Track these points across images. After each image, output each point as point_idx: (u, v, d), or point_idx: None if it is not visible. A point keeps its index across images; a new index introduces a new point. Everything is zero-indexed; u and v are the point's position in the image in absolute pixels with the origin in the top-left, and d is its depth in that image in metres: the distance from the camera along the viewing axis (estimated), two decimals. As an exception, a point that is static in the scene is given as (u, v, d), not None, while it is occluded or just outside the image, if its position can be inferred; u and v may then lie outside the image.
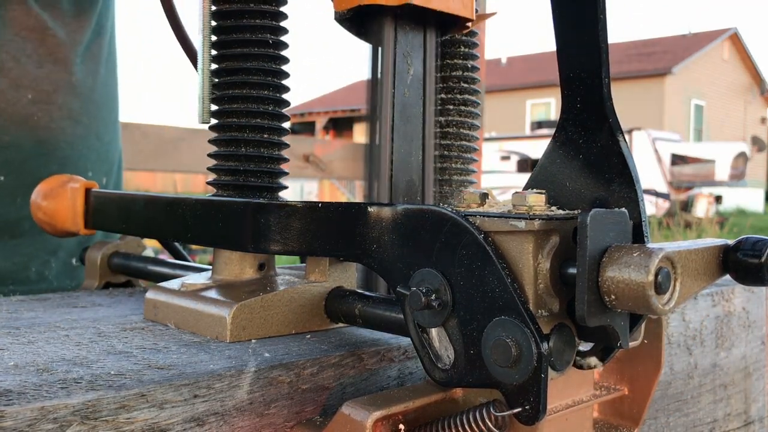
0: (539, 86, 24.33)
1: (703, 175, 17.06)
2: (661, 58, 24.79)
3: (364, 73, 0.79)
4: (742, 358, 1.00)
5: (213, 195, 0.79)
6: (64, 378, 0.52)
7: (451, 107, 0.87)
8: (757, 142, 19.54)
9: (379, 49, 0.76)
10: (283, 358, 0.60)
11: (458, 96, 0.87)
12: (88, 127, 1.38)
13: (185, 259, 1.15)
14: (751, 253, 0.51)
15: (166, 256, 1.21)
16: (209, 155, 0.80)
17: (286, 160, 0.80)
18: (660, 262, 0.46)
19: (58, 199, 0.94)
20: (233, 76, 0.77)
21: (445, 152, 0.87)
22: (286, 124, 0.80)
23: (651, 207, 15.45)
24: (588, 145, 0.55)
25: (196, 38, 0.78)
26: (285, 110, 0.79)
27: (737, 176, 17.14)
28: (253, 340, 0.67)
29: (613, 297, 0.47)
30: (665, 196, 16.49)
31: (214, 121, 0.79)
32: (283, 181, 0.80)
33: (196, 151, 2.81)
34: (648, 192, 15.34)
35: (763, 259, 0.50)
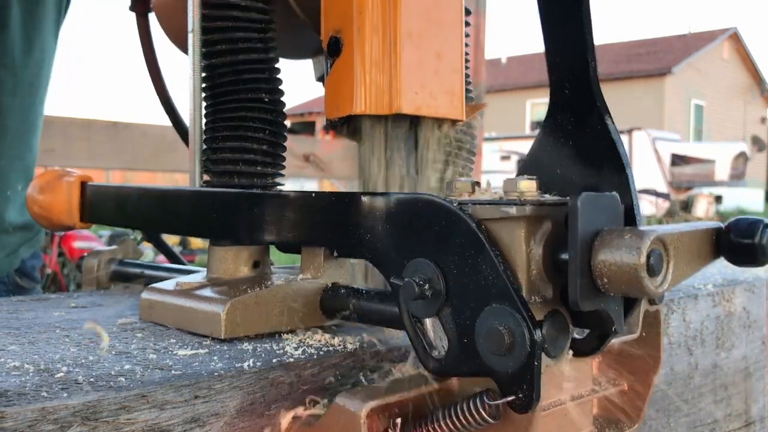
0: (539, 86, 24.30)
1: (703, 175, 17.03)
2: (661, 58, 24.76)
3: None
4: (743, 359, 1.00)
5: None
6: (64, 379, 0.52)
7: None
8: (757, 142, 19.50)
9: (373, 151, 0.75)
10: (284, 359, 0.60)
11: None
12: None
13: (179, 260, 1.15)
14: (745, 234, 0.51)
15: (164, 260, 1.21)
16: (205, 171, 0.79)
17: (281, 176, 0.80)
18: (652, 243, 0.46)
19: (54, 193, 0.94)
20: (230, 113, 0.76)
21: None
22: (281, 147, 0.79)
23: (651, 207, 15.43)
24: (577, 131, 0.55)
25: (187, 111, 0.78)
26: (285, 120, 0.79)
27: (737, 176, 17.12)
28: (249, 342, 0.66)
29: (605, 280, 0.47)
30: (665, 196, 16.46)
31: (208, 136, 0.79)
32: (283, 181, 0.80)
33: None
34: (648, 192, 15.33)
35: (756, 240, 0.50)
